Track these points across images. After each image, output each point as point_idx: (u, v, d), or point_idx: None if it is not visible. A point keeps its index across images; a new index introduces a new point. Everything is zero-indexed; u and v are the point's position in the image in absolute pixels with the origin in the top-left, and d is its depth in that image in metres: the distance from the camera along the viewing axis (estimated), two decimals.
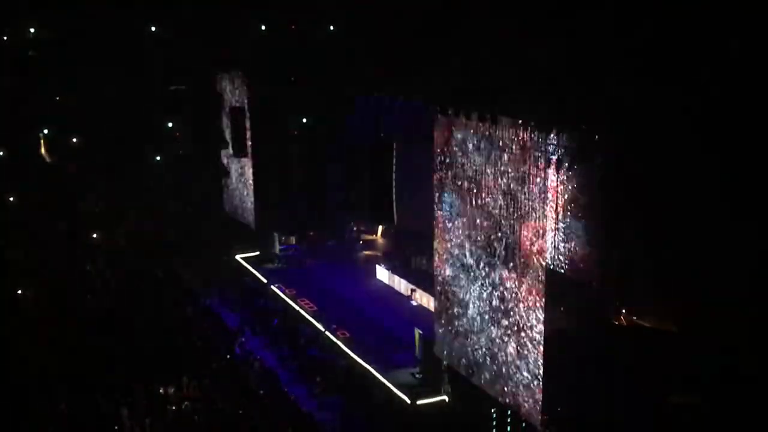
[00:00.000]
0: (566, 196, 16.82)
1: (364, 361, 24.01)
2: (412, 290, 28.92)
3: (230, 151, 34.57)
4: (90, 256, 32.28)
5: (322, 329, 26.30)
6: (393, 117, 25.82)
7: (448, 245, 21.26)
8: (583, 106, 16.73)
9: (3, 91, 35.38)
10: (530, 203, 17.75)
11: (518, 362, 18.67)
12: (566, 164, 16.57)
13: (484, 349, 20.01)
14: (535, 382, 18.15)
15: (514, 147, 18.12)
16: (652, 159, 15.44)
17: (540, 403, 18.10)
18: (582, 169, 16.33)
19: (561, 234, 17.25)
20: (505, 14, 19.36)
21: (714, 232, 14.86)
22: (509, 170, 18.39)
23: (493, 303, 19.48)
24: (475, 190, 19.80)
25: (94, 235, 34.52)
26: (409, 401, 21.84)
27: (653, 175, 15.43)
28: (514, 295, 18.63)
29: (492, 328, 19.57)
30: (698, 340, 16.34)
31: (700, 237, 15.03)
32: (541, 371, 17.93)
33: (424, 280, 27.41)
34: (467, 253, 20.41)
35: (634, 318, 22.23)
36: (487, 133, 19.07)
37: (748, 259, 14.63)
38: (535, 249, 17.82)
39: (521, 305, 18.36)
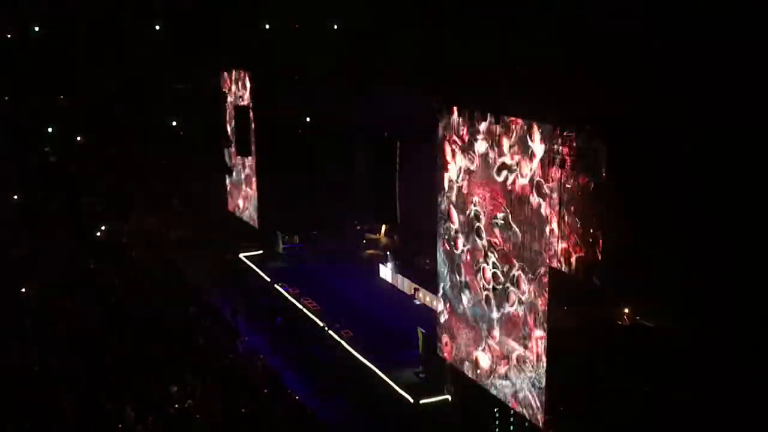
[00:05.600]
0: (569, 196, 16.79)
1: (368, 360, 24.01)
2: (416, 289, 28.93)
3: (234, 149, 34.58)
4: (93, 254, 32.34)
5: (326, 328, 26.31)
6: (396, 115, 25.80)
7: (451, 244, 21.24)
8: (585, 105, 16.71)
9: (5, 90, 35.48)
10: (533, 202, 17.75)
11: (521, 362, 18.66)
12: (570, 164, 16.54)
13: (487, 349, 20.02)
14: (538, 382, 18.15)
15: (516, 146, 18.12)
16: (654, 158, 15.42)
17: (543, 402, 18.10)
18: (586, 168, 16.30)
19: (564, 233, 17.21)
20: (509, 15, 19.36)
21: (717, 232, 14.85)
22: (512, 169, 18.39)
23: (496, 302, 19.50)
24: (477, 189, 19.79)
25: (98, 234, 34.59)
26: (412, 400, 21.85)
27: (655, 175, 15.41)
28: (516, 294, 18.63)
29: (494, 327, 19.58)
30: (700, 340, 16.34)
31: (703, 237, 15.02)
32: (544, 371, 17.92)
33: (428, 279, 27.41)
34: (470, 254, 20.40)
35: (637, 317, 22.25)
36: (490, 131, 19.07)
37: (751, 259, 14.62)
38: (538, 248, 17.81)
39: (524, 305, 18.36)
